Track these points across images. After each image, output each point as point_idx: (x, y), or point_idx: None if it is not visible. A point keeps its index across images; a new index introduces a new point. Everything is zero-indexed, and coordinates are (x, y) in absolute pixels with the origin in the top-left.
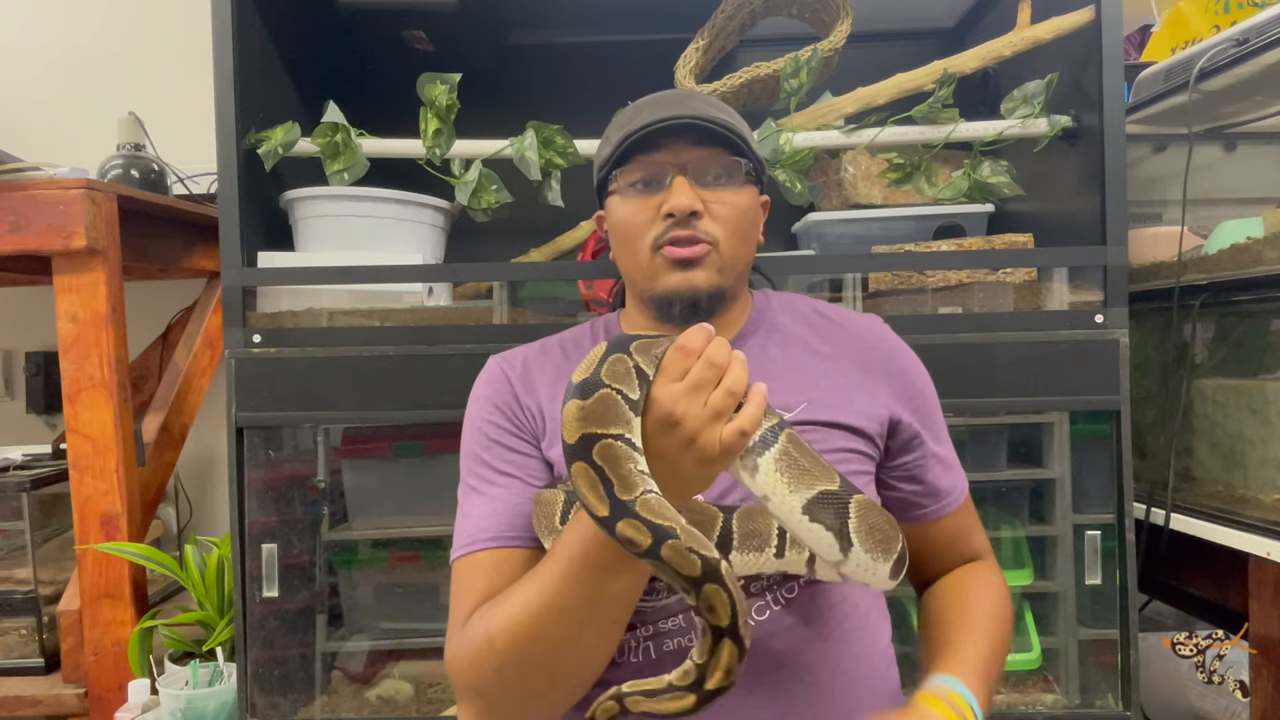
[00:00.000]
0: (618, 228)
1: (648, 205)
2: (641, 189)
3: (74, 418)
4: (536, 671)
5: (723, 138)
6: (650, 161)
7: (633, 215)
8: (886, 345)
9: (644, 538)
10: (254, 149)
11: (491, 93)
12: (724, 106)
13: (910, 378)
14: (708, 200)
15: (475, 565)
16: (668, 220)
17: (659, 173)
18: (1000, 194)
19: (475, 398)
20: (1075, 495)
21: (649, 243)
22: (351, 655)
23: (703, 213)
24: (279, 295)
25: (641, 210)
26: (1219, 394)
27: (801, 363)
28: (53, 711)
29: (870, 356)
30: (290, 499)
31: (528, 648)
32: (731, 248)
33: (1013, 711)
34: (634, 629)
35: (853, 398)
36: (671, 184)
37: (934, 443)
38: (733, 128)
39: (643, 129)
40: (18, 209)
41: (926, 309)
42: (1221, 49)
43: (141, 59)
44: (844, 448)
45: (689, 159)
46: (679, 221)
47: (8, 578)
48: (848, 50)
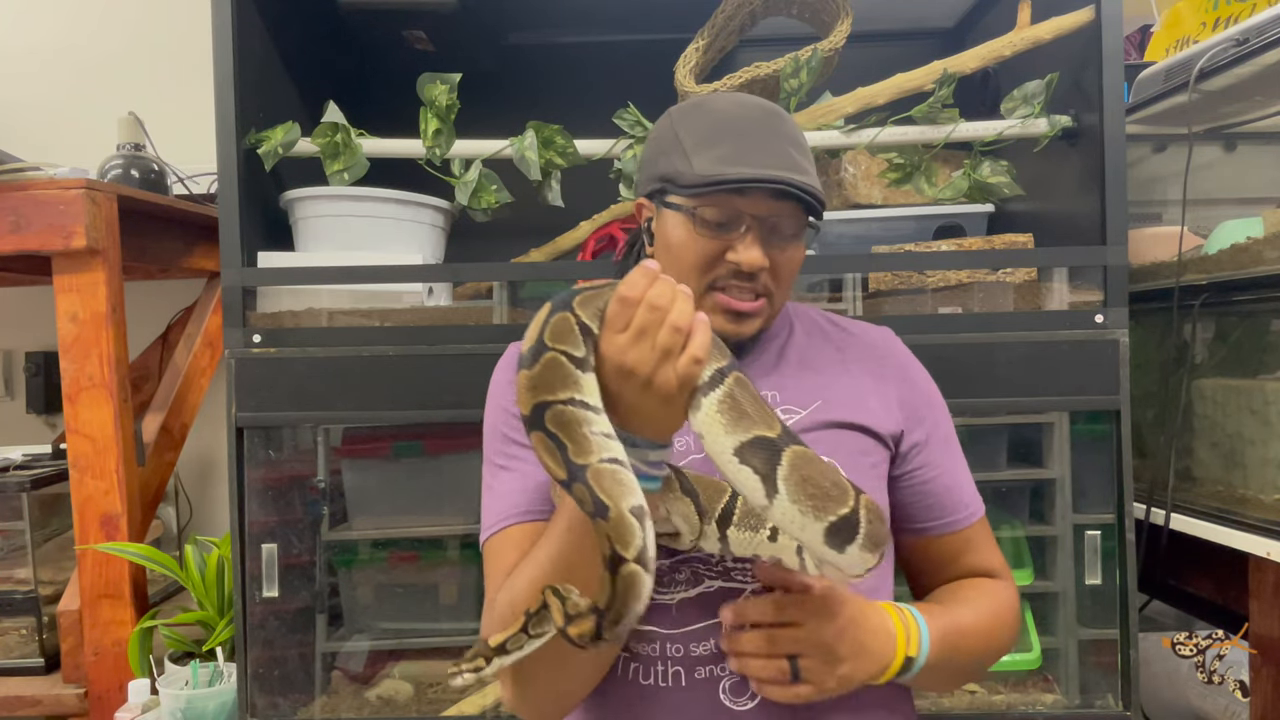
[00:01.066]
0: (675, 248)
1: (714, 245)
2: (713, 229)
3: (74, 418)
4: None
5: (803, 197)
6: (729, 204)
7: (696, 247)
8: (899, 356)
9: (587, 504)
10: (254, 149)
11: (491, 93)
12: (801, 141)
13: (921, 389)
14: (773, 257)
15: (508, 541)
16: (730, 266)
17: (735, 218)
18: (1000, 194)
19: (497, 382)
20: (1075, 495)
21: (706, 280)
22: (351, 655)
23: (766, 268)
24: (279, 295)
25: (706, 246)
26: (1219, 394)
27: (816, 365)
28: (53, 711)
29: (882, 365)
30: (290, 499)
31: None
32: (781, 299)
33: (1013, 711)
34: (663, 654)
35: (865, 400)
36: (746, 235)
37: (942, 456)
38: (816, 190)
39: (737, 182)
40: (18, 209)
41: (926, 309)
42: (1221, 49)
43: (141, 59)
44: (856, 448)
45: (766, 211)
46: (743, 273)
47: (8, 578)
48: (848, 50)
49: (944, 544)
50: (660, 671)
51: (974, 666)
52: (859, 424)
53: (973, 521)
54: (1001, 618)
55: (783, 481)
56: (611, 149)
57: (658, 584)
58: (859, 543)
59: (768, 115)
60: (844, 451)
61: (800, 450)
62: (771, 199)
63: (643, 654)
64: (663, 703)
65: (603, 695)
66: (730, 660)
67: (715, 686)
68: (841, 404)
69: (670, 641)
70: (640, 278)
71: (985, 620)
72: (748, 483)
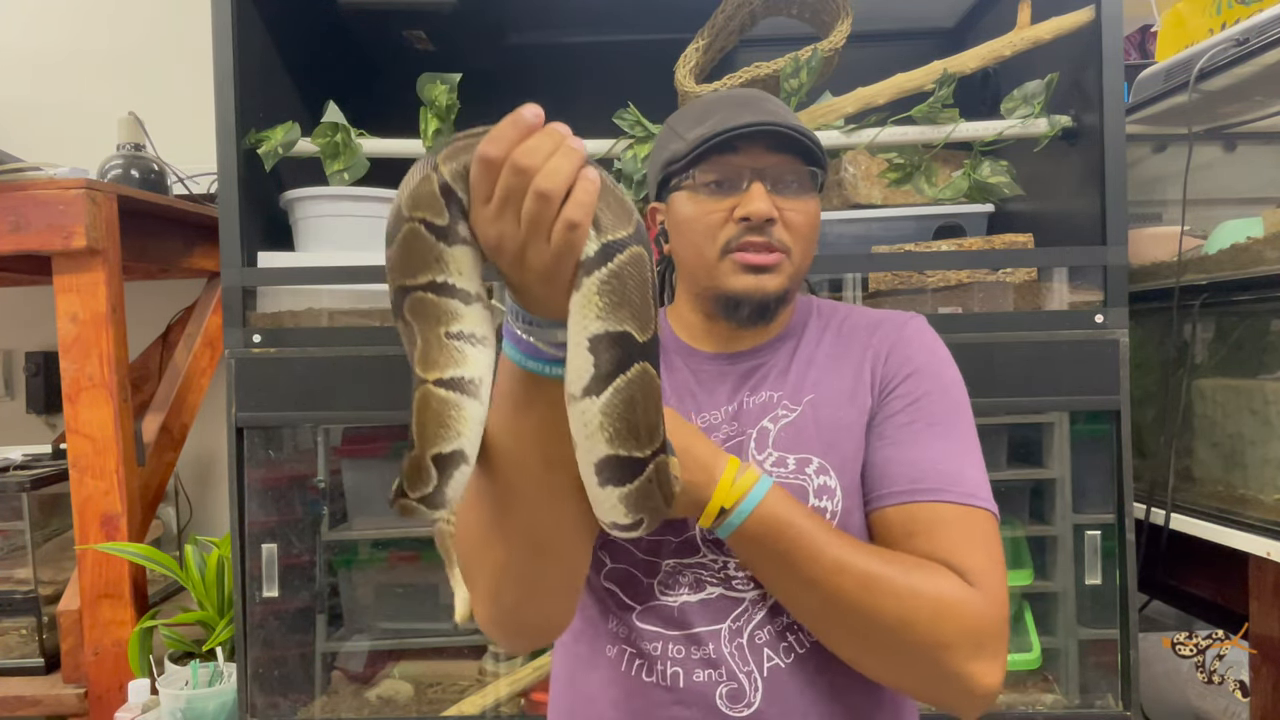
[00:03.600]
0: (685, 225)
1: (720, 206)
2: (715, 189)
3: (74, 418)
4: (493, 528)
5: (800, 144)
6: (726, 163)
7: (704, 215)
8: (905, 332)
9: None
10: (254, 149)
11: (491, 93)
12: (790, 111)
13: (911, 360)
14: (783, 208)
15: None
16: (742, 224)
17: (735, 175)
18: (1000, 194)
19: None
20: (1075, 495)
21: (720, 244)
22: (351, 655)
23: (778, 220)
24: (279, 295)
25: (713, 210)
26: (1219, 394)
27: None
28: (53, 711)
29: (881, 345)
30: (290, 499)
31: (484, 496)
32: (801, 255)
33: (1013, 711)
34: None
35: (855, 387)
36: (749, 188)
37: (907, 429)
38: (811, 135)
39: (725, 132)
40: (18, 209)
41: (926, 309)
42: (1221, 49)
43: (141, 59)
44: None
45: (767, 164)
46: (754, 227)
47: (8, 578)
48: (848, 50)
49: (889, 518)
50: (660, 671)
51: (838, 608)
52: (846, 419)
53: (928, 499)
54: (900, 581)
55: (613, 390)
56: (611, 149)
57: (662, 586)
58: (622, 492)
59: (755, 92)
60: (835, 452)
61: (650, 372)
62: (767, 152)
63: (646, 651)
64: (661, 701)
65: (605, 684)
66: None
67: (712, 691)
68: (831, 401)
69: (671, 643)
70: (508, 129)
71: (866, 562)
72: (580, 368)
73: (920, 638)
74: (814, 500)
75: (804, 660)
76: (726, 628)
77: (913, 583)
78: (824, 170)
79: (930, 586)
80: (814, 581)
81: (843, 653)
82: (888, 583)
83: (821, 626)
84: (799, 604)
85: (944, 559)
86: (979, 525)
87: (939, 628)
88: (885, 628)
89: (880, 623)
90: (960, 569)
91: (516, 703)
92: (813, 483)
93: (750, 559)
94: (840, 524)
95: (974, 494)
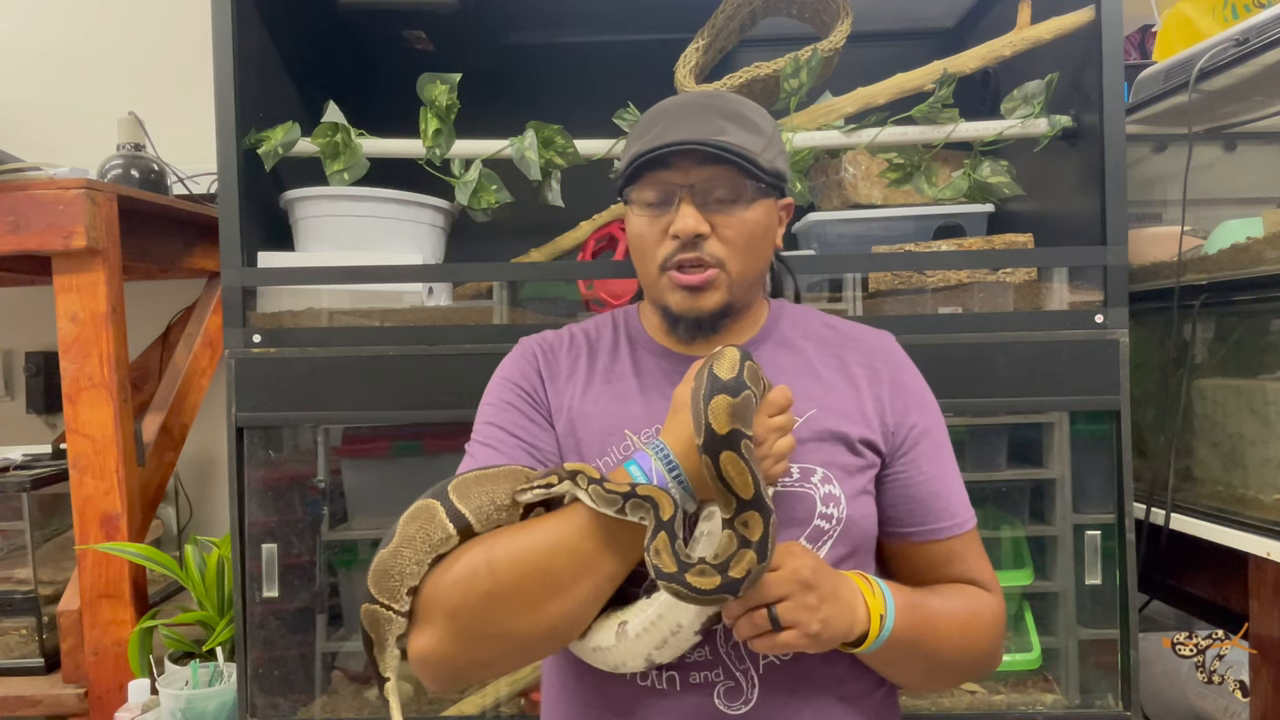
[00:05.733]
0: (632, 240)
1: (657, 224)
2: (651, 208)
3: (74, 418)
4: (525, 606)
5: (728, 159)
6: (659, 180)
7: (644, 232)
8: (894, 359)
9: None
10: (254, 149)
11: (491, 93)
12: (743, 114)
13: (914, 393)
14: (715, 223)
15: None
16: (675, 241)
17: (668, 192)
18: (1000, 194)
19: (501, 367)
20: (1075, 495)
21: (659, 261)
22: (351, 655)
23: (709, 234)
24: (279, 295)
25: (651, 227)
26: (1219, 394)
27: (811, 371)
28: (53, 711)
29: (877, 367)
30: (290, 499)
31: (528, 577)
32: (739, 267)
33: (1013, 711)
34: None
35: (860, 407)
36: (679, 206)
37: (930, 461)
38: (738, 150)
39: (649, 152)
40: (18, 209)
41: (926, 309)
42: (1221, 49)
43: (141, 59)
44: (848, 458)
45: (696, 179)
46: (685, 244)
47: (8, 578)
48: (848, 50)
49: (928, 551)
50: (656, 674)
51: (948, 661)
52: (851, 434)
53: (960, 532)
54: (979, 616)
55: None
56: (611, 149)
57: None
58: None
59: (705, 97)
60: (834, 465)
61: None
62: (698, 165)
63: None
64: (658, 704)
65: (600, 691)
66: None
67: (710, 692)
68: (835, 412)
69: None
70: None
71: (958, 613)
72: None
73: (984, 654)
74: (821, 508)
75: (799, 656)
76: (722, 627)
77: (978, 611)
78: (764, 177)
79: (985, 609)
80: (935, 652)
81: (913, 685)
82: (975, 621)
83: (915, 681)
84: (907, 670)
85: (971, 578)
86: (977, 540)
87: (994, 640)
88: (973, 658)
89: (972, 655)
90: (983, 583)
91: (516, 703)
92: (819, 491)
93: (900, 667)
94: (843, 531)
95: (971, 513)
